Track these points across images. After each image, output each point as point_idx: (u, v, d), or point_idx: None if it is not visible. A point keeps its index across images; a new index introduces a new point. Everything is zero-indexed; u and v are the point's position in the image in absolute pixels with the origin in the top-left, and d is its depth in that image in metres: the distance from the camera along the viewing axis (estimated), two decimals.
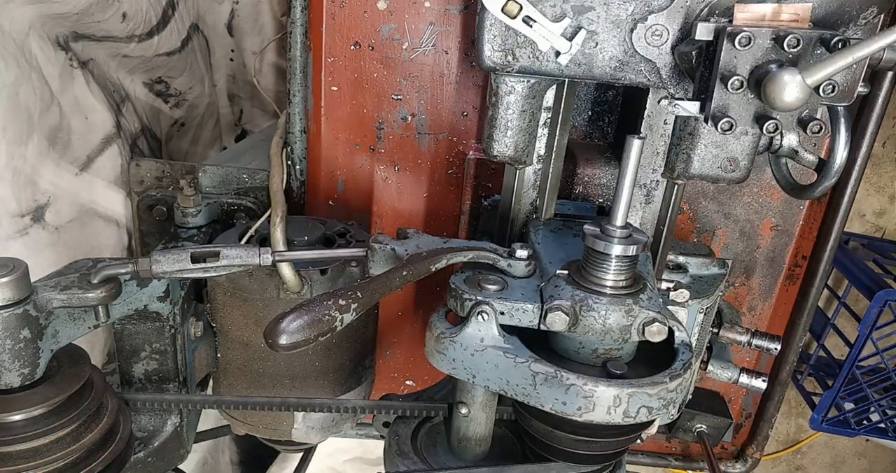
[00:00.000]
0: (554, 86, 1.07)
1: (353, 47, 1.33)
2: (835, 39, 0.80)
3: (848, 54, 0.76)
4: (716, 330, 1.40)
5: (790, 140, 1.08)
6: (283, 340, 0.81)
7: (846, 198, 1.48)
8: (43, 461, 0.91)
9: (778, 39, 0.82)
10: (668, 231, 1.18)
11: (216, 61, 2.18)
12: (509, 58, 0.98)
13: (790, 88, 0.78)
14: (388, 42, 1.32)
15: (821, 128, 0.84)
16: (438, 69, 1.34)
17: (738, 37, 0.82)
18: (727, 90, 0.83)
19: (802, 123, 0.85)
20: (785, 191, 1.14)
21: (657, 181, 1.15)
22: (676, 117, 1.05)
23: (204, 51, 2.05)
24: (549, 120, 1.11)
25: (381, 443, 1.23)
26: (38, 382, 0.94)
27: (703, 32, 0.86)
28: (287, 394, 1.28)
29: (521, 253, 0.98)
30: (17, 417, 0.91)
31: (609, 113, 1.38)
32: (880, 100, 1.38)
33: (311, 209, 1.50)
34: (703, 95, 0.87)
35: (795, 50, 0.81)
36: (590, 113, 1.38)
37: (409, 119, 1.39)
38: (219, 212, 1.47)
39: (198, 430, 1.36)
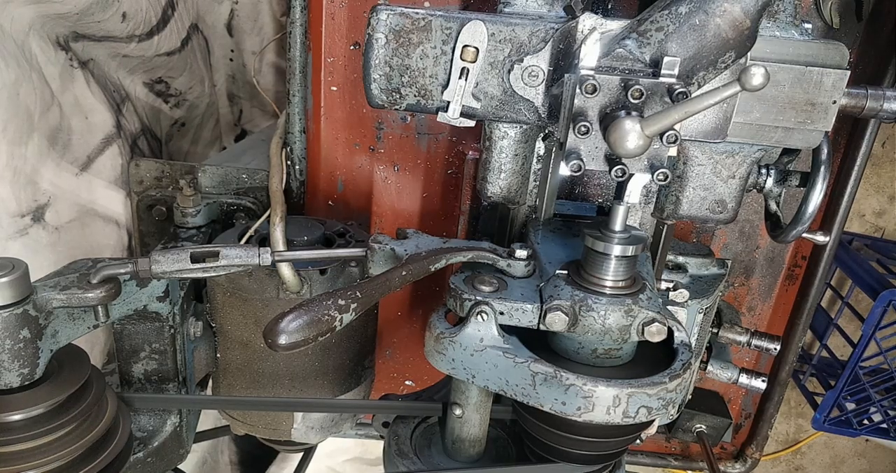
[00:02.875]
0: None
1: (352, 47, 1.33)
2: (676, 91, 0.83)
3: (682, 108, 0.80)
4: (715, 331, 1.40)
5: (771, 180, 1.10)
6: (283, 340, 0.81)
7: (846, 198, 1.48)
8: (43, 461, 0.91)
9: (626, 87, 0.85)
10: (668, 231, 1.18)
11: (216, 61, 2.18)
12: (395, 96, 1.02)
13: (631, 137, 0.81)
14: None
15: (665, 176, 0.86)
16: None
17: (585, 84, 0.85)
18: (576, 134, 0.86)
19: (652, 169, 0.87)
20: (769, 233, 1.16)
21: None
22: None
23: (204, 51, 2.05)
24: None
25: (380, 443, 1.23)
26: (38, 382, 0.94)
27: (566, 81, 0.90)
28: (286, 394, 1.28)
29: (521, 253, 0.98)
30: (16, 417, 0.91)
31: None
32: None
33: (311, 209, 1.51)
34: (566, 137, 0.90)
35: (639, 101, 0.84)
36: None
37: (409, 119, 1.39)
38: (218, 212, 1.47)
39: (197, 430, 1.36)
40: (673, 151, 0.88)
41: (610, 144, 0.83)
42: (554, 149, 1.13)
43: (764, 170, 1.10)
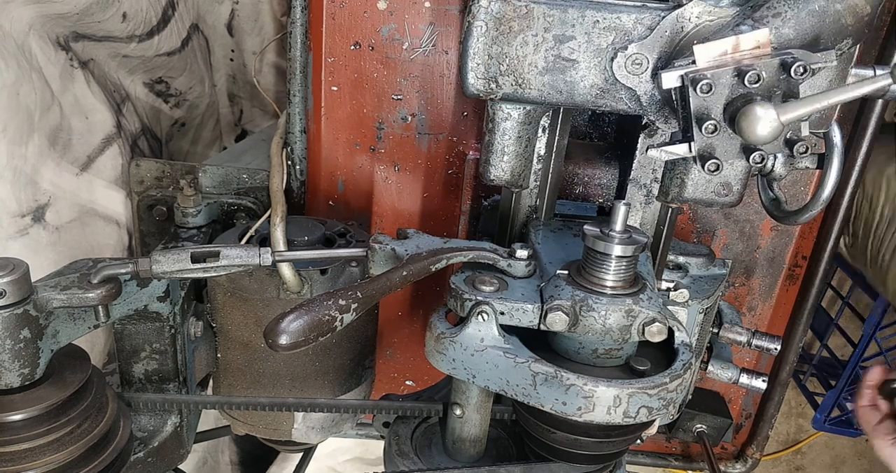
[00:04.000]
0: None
1: (353, 47, 1.33)
2: (796, 65, 0.81)
3: (823, 99, 0.79)
4: (716, 331, 1.40)
5: (780, 163, 1.09)
6: (283, 340, 0.81)
7: (846, 199, 1.48)
8: (43, 461, 0.91)
9: (740, 75, 0.83)
10: (668, 231, 1.18)
11: (216, 61, 2.18)
12: (493, 85, 1.00)
13: (763, 123, 0.79)
14: (389, 42, 1.32)
15: (807, 148, 0.85)
16: (438, 69, 1.34)
17: (700, 85, 0.83)
18: (705, 135, 0.85)
19: (790, 143, 0.86)
20: (771, 215, 1.15)
21: (657, 180, 1.15)
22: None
23: (204, 51, 2.05)
24: (548, 123, 1.12)
25: (381, 443, 1.23)
26: (38, 382, 0.94)
27: (670, 81, 0.88)
28: (287, 394, 1.28)
29: (521, 253, 0.98)
30: (17, 417, 0.91)
31: (609, 113, 1.38)
32: (880, 100, 1.37)
33: (311, 209, 1.50)
34: (688, 134, 0.88)
35: (757, 85, 0.83)
36: (590, 113, 1.38)
37: (410, 119, 1.39)
38: (219, 212, 1.47)
39: (198, 430, 1.36)
40: (805, 131, 0.86)
41: (742, 134, 0.81)
42: (641, 136, 1.12)
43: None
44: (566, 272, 0.96)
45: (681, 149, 0.89)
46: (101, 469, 0.98)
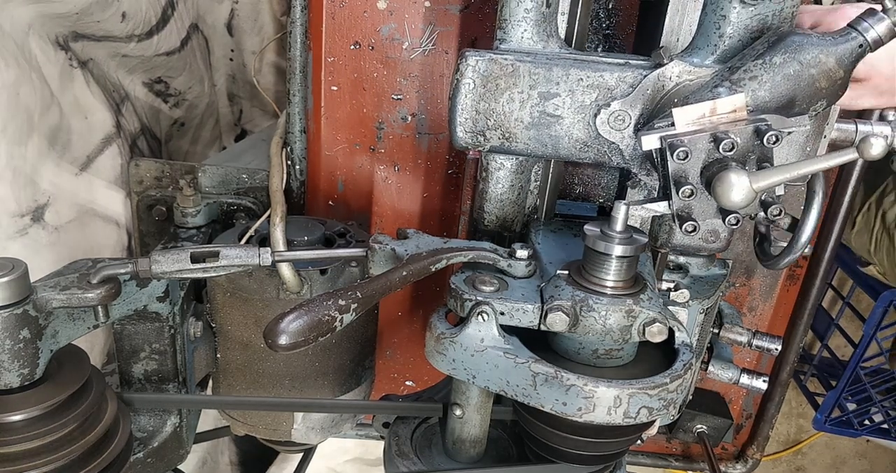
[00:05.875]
0: None
1: (353, 47, 1.33)
2: (769, 134, 0.84)
3: (795, 169, 0.81)
4: (716, 331, 1.40)
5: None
6: (283, 340, 0.81)
7: (846, 199, 1.48)
8: (43, 461, 0.91)
9: (716, 141, 0.86)
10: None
11: (216, 61, 2.17)
12: (480, 138, 1.04)
13: (737, 190, 0.82)
14: (388, 42, 1.32)
15: (780, 211, 0.87)
16: (438, 69, 1.34)
17: (676, 152, 0.86)
18: (682, 198, 0.88)
19: (765, 205, 0.88)
20: (758, 258, 1.17)
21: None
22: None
23: (203, 50, 2.05)
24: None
25: (380, 444, 1.23)
26: (38, 382, 0.94)
27: (649, 143, 0.90)
28: (287, 395, 1.27)
29: (522, 253, 0.98)
30: (16, 417, 0.90)
31: None
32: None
33: (311, 209, 1.50)
34: (667, 192, 0.91)
35: (732, 153, 0.85)
36: None
37: (409, 119, 1.39)
38: (218, 212, 1.47)
39: (197, 431, 1.36)
40: (781, 190, 0.89)
41: (716, 198, 0.84)
42: (627, 186, 1.17)
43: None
44: (566, 272, 0.95)
45: (660, 207, 0.92)
46: (101, 469, 0.97)
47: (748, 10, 0.91)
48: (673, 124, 0.88)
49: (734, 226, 0.89)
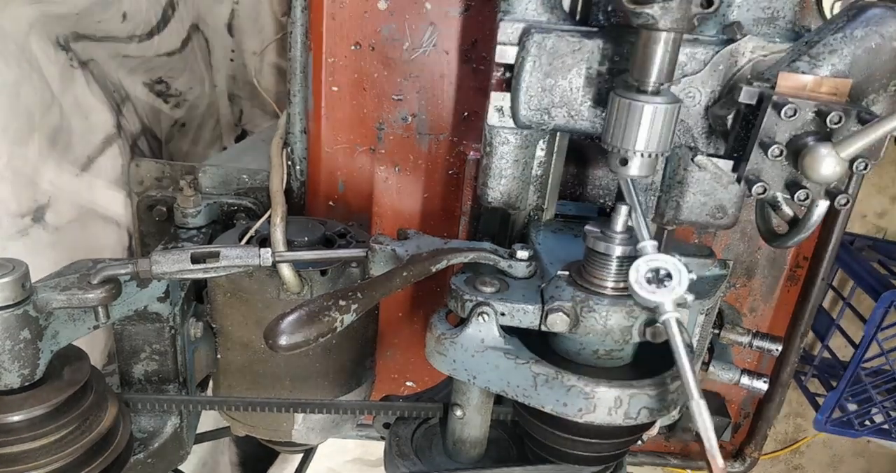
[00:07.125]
0: None
1: (353, 47, 1.33)
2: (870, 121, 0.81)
3: (879, 127, 0.78)
4: (717, 332, 1.40)
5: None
6: (283, 341, 0.81)
7: None
8: (43, 462, 0.91)
9: (820, 114, 0.83)
10: (669, 231, 1.18)
11: (216, 61, 2.17)
12: (545, 116, 1.01)
13: (827, 163, 0.79)
14: (389, 42, 1.32)
15: (847, 201, 0.85)
16: (439, 70, 1.33)
17: (785, 108, 0.82)
18: (766, 156, 0.84)
19: (830, 195, 0.86)
20: (762, 236, 1.15)
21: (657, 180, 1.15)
22: (666, 165, 1.06)
23: (204, 51, 2.05)
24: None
25: (381, 444, 1.23)
26: (38, 383, 0.94)
27: (747, 96, 0.87)
28: (287, 395, 1.27)
29: (522, 253, 0.98)
30: (17, 418, 0.90)
31: None
32: None
33: (312, 209, 1.50)
34: (736, 154, 0.88)
35: (837, 126, 0.82)
36: None
37: (410, 119, 1.39)
38: (219, 213, 1.47)
39: (198, 431, 1.36)
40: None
41: (804, 170, 0.81)
42: (672, 161, 1.12)
43: None
44: (567, 273, 0.95)
45: (726, 166, 0.91)
46: (101, 470, 0.97)
47: None
48: (771, 87, 0.85)
49: (801, 202, 0.86)
